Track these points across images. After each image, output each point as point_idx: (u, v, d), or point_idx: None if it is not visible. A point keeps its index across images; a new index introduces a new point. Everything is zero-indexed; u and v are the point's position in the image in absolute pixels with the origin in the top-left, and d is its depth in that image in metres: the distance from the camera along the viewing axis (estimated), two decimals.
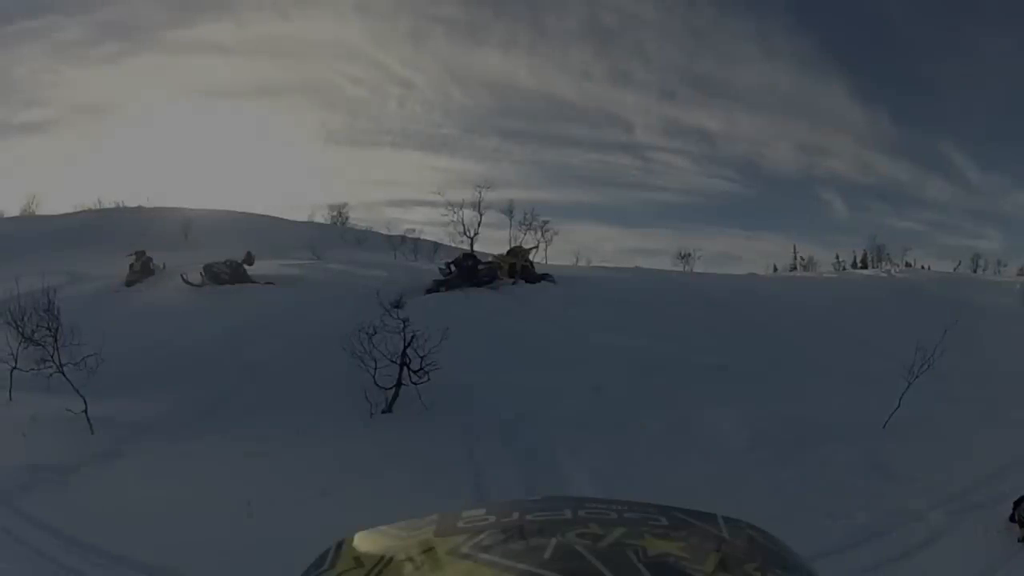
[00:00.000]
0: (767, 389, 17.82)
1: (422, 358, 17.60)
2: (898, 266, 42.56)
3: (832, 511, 10.90)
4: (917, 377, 15.61)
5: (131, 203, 60.75)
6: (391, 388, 17.47)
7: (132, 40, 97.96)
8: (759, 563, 1.23)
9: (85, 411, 15.99)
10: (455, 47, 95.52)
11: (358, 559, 1.35)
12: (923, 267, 43.02)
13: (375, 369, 17.30)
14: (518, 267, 28.02)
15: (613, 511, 1.39)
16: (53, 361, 17.71)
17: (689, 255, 45.53)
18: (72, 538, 10.43)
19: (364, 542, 1.41)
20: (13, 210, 61.72)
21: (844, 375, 18.79)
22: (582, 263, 43.64)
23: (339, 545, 1.44)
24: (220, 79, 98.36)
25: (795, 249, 55.16)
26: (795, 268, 48.97)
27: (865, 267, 45.33)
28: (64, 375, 17.23)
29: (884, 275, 35.79)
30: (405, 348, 17.82)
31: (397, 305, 20.23)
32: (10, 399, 17.81)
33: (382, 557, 1.32)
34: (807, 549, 4.76)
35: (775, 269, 49.34)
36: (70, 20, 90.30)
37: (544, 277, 27.97)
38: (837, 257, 50.64)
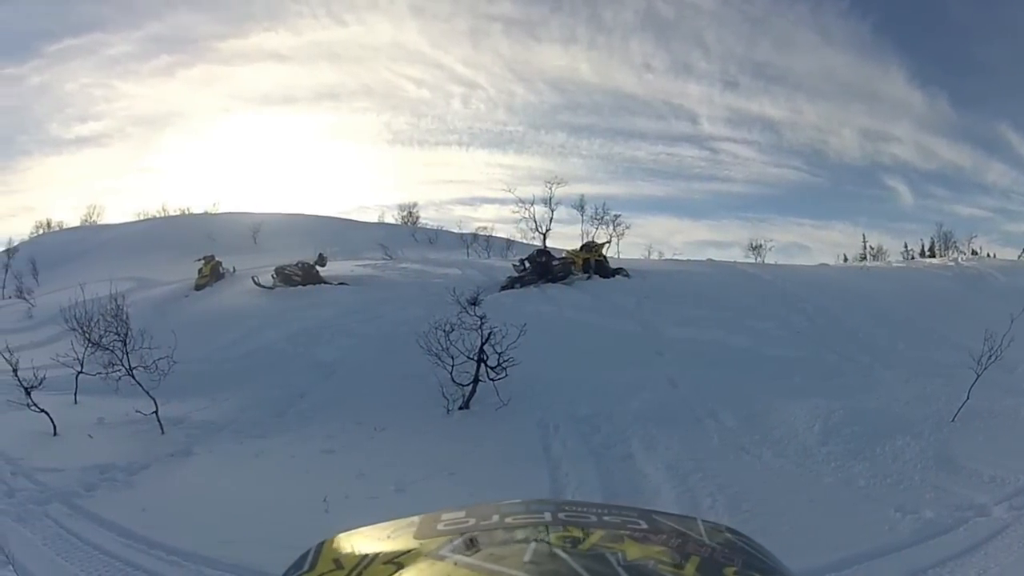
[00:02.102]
0: (839, 382, 17.75)
1: (499, 354, 17.59)
2: (964, 254, 41.97)
3: (901, 506, 10.88)
4: (985, 369, 15.45)
5: (197, 210, 61.62)
6: (468, 385, 17.47)
7: (185, 52, 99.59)
8: (738, 567, 1.41)
9: (155, 412, 16.18)
10: (514, 45, 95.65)
11: (338, 561, 1.49)
12: (988, 255, 42.41)
13: (452, 366, 17.36)
14: (592, 262, 27.94)
15: (592, 514, 1.57)
16: (122, 365, 17.82)
17: (760, 246, 45.37)
18: (140, 536, 10.51)
19: (344, 544, 1.56)
20: (73, 221, 62.79)
21: (914, 367, 18.61)
22: (654, 256, 43.56)
23: (319, 547, 1.60)
24: (280, 86, 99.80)
25: (864, 238, 54.76)
26: (864, 258, 48.43)
27: (933, 256, 44.77)
28: (133, 377, 17.41)
29: (951, 263, 35.15)
30: (482, 345, 17.83)
31: (474, 302, 20.37)
32: (75, 402, 18.00)
33: (362, 559, 1.45)
34: (877, 545, 5.30)
35: (845, 259, 48.94)
36: (116, 37, 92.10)
37: (618, 271, 27.95)
38: (905, 246, 50.29)
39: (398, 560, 1.39)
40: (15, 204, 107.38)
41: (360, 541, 1.54)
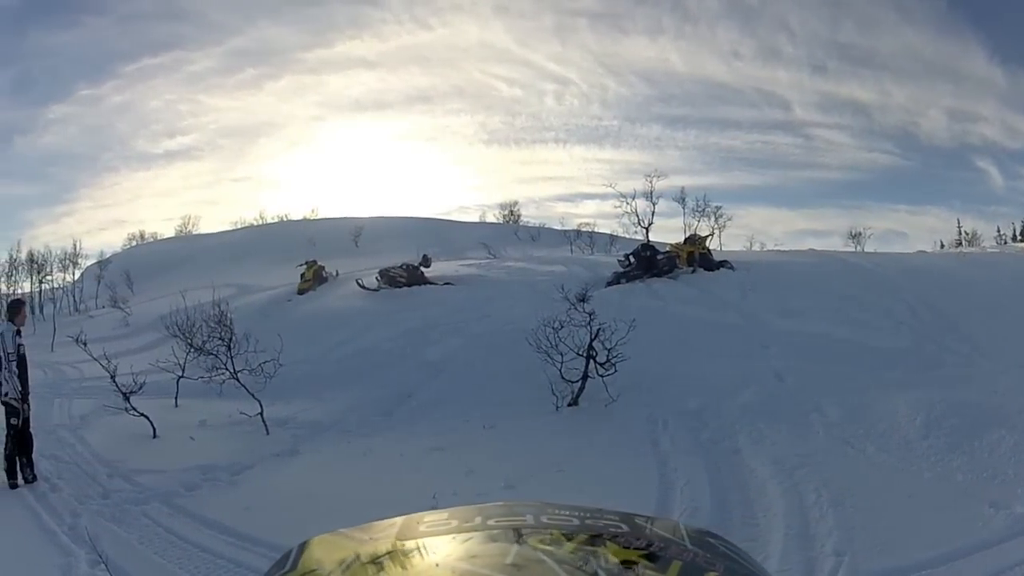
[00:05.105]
0: (939, 373, 17.72)
1: (608, 350, 17.86)
2: None
3: (995, 501, 11.03)
4: None
5: (295, 216, 63.01)
6: (577, 381, 17.77)
7: (270, 64, 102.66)
8: (720, 572, 1.43)
9: (260, 413, 16.82)
10: (602, 39, 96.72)
11: (320, 561, 1.48)
12: None
13: (561, 363, 17.78)
14: (696, 255, 28.10)
15: (575, 517, 1.58)
16: (227, 368, 18.54)
17: (859, 234, 45.27)
18: (243, 534, 10.80)
19: (327, 544, 1.55)
20: (167, 232, 64.68)
21: (1010, 357, 18.42)
22: (755, 247, 43.64)
23: (302, 546, 1.58)
24: (371, 92, 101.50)
25: (959, 223, 54.19)
26: (960, 243, 47.92)
27: None
28: (238, 380, 18.10)
29: None
30: (591, 341, 18.16)
31: (582, 299, 20.70)
32: (176, 406, 18.80)
33: (344, 559, 1.45)
34: (971, 542, 6.18)
35: (941, 245, 48.53)
36: (196, 54, 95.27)
37: (722, 264, 28.09)
38: (998, 230, 49.61)
39: (380, 561, 1.42)
40: (105, 218, 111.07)
41: (342, 542, 1.54)
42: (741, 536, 10.39)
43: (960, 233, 50.61)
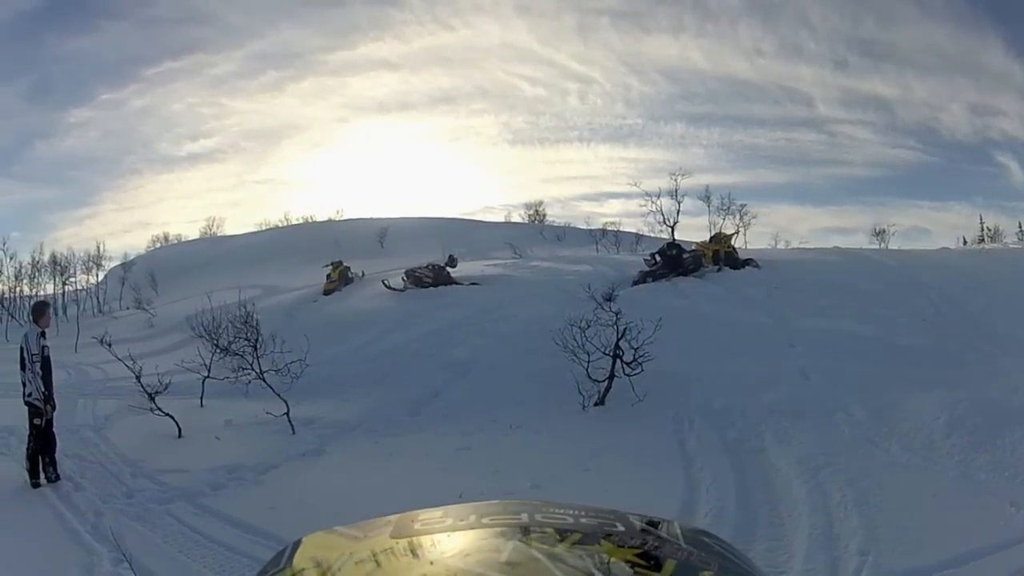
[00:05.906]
0: (963, 372, 17.55)
1: (635, 350, 17.90)
2: None
3: (1016, 500, 11.07)
4: None
5: (320, 217, 63.24)
6: (603, 381, 17.81)
7: (292, 67, 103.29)
8: (714, 570, 1.44)
9: (286, 413, 16.87)
10: (624, 37, 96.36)
11: (314, 559, 1.48)
12: None
13: (588, 362, 17.82)
14: (721, 253, 28.08)
15: (570, 516, 1.58)
16: (253, 369, 18.66)
17: (883, 231, 45.15)
18: (269, 533, 10.75)
19: (321, 542, 1.55)
20: (192, 234, 64.97)
21: None
22: (780, 245, 43.55)
23: (296, 544, 1.59)
24: (395, 93, 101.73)
25: (981, 219, 53.90)
26: (983, 240, 47.69)
27: None
28: (264, 381, 18.20)
29: None
30: (618, 340, 18.19)
31: (609, 298, 20.74)
32: (201, 406, 18.94)
33: (339, 557, 1.45)
34: (991, 541, 6.30)
35: (964, 242, 48.27)
36: (218, 57, 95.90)
37: (748, 262, 27.98)
38: (1020, 225, 49.20)
39: (375, 559, 1.41)
40: (129, 220, 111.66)
41: (337, 540, 1.54)
42: (766, 536, 10.57)
43: (983, 229, 50.35)
